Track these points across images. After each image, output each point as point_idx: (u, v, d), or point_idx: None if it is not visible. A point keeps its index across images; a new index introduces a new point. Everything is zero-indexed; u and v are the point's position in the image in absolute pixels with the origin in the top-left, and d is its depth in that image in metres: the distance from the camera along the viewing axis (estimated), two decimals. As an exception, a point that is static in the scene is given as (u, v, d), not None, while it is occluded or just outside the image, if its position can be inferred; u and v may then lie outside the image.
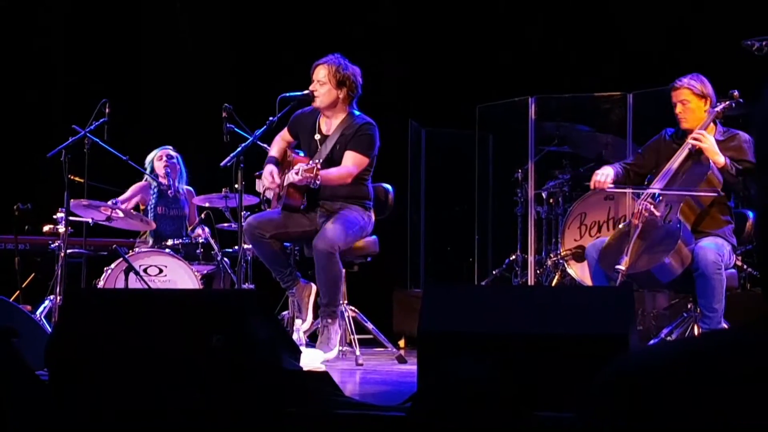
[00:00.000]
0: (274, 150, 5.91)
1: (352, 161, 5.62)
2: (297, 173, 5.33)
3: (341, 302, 5.72)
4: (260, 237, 5.61)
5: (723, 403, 1.36)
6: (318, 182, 5.35)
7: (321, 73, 5.67)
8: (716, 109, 5.40)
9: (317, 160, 5.41)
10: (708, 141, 5.27)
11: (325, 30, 8.62)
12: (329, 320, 5.60)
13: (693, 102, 5.39)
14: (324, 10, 8.87)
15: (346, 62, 5.70)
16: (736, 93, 5.43)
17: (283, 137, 5.96)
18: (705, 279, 5.10)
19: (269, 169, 5.76)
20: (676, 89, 5.44)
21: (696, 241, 5.23)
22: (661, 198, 5.32)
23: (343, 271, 5.60)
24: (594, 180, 5.52)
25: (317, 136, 5.72)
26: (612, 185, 5.51)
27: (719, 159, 5.22)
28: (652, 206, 5.30)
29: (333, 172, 5.55)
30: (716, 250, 5.14)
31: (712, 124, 5.40)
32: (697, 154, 5.34)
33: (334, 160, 5.61)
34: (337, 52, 5.78)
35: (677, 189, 5.29)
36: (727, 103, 5.43)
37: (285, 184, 5.65)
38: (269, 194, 5.86)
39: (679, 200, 5.26)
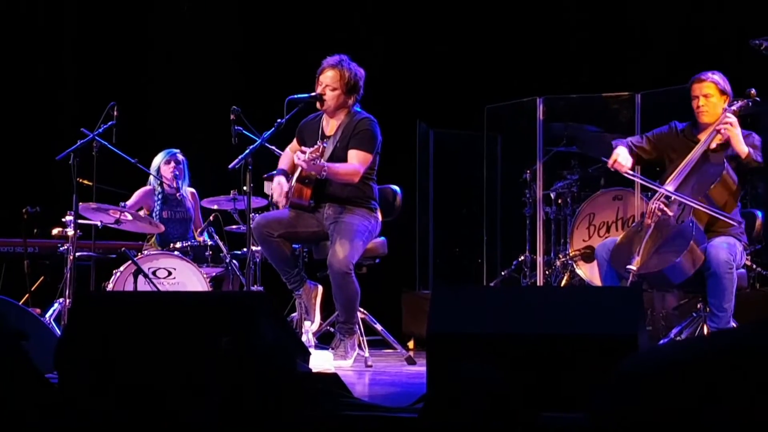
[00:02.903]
0: (284, 163, 5.91)
1: (356, 159, 5.60)
2: (303, 152, 5.35)
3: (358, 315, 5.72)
4: (269, 236, 5.61)
5: (733, 402, 1.36)
6: (324, 171, 5.37)
7: (332, 77, 5.65)
8: (733, 108, 5.36)
9: (322, 143, 5.43)
10: (737, 128, 5.25)
11: (332, 31, 8.62)
12: (346, 336, 5.61)
13: (716, 96, 5.38)
14: (331, 11, 8.86)
15: (354, 67, 5.69)
16: (753, 91, 5.40)
17: (291, 148, 5.95)
18: (716, 278, 5.09)
19: (278, 180, 5.76)
20: (700, 81, 5.40)
21: (708, 241, 5.21)
22: (673, 198, 5.30)
23: (359, 289, 5.60)
24: (613, 161, 5.47)
25: (319, 140, 5.71)
26: (630, 171, 5.48)
27: (743, 148, 5.21)
28: (665, 206, 5.28)
29: (340, 167, 5.54)
30: (728, 249, 5.13)
31: None
32: (711, 153, 5.32)
33: (335, 158, 5.59)
34: (345, 52, 5.77)
35: (689, 196, 5.23)
36: (744, 101, 5.40)
37: (293, 177, 5.66)
38: (282, 202, 5.83)
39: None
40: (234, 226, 7.21)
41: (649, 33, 8.18)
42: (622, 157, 5.46)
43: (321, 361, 5.32)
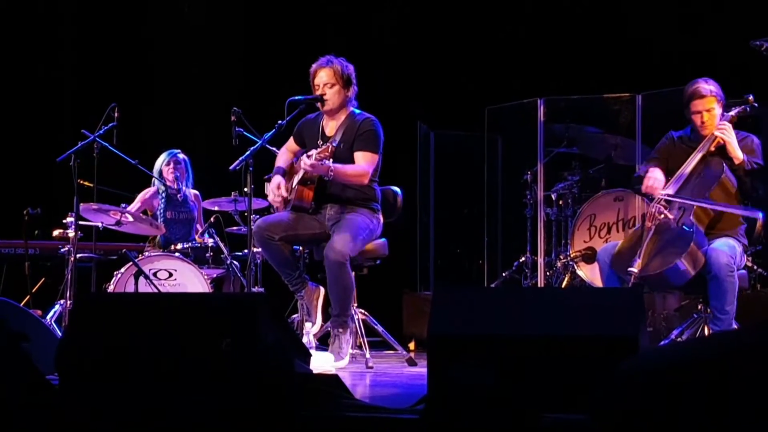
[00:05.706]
0: (281, 161, 5.91)
1: (363, 160, 5.61)
2: (310, 156, 5.35)
3: (352, 309, 5.71)
4: (269, 239, 5.60)
5: (734, 402, 1.36)
6: (331, 172, 5.37)
7: (327, 75, 5.67)
8: (731, 113, 5.40)
9: (331, 142, 5.43)
10: (732, 134, 5.27)
11: (332, 32, 8.63)
12: (340, 330, 5.58)
13: (716, 108, 5.36)
14: (332, 12, 8.87)
15: (343, 61, 5.73)
16: (751, 98, 5.42)
17: (288, 148, 5.96)
18: (718, 282, 5.09)
19: (276, 181, 5.76)
20: (702, 97, 5.35)
21: (709, 243, 5.22)
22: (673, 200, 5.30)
23: (354, 281, 5.60)
24: (646, 185, 5.40)
25: (320, 141, 5.71)
26: (662, 193, 5.37)
27: (739, 154, 5.25)
28: (665, 209, 5.28)
29: (347, 168, 5.54)
30: (729, 252, 5.13)
31: None
32: (710, 156, 5.32)
33: (337, 159, 5.58)
34: (346, 54, 5.79)
35: (703, 200, 5.26)
36: (743, 107, 5.42)
37: (297, 173, 5.66)
38: (276, 205, 5.85)
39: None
40: (235, 228, 7.22)
41: (650, 33, 8.18)
42: (651, 179, 5.38)
43: (322, 362, 5.32)
